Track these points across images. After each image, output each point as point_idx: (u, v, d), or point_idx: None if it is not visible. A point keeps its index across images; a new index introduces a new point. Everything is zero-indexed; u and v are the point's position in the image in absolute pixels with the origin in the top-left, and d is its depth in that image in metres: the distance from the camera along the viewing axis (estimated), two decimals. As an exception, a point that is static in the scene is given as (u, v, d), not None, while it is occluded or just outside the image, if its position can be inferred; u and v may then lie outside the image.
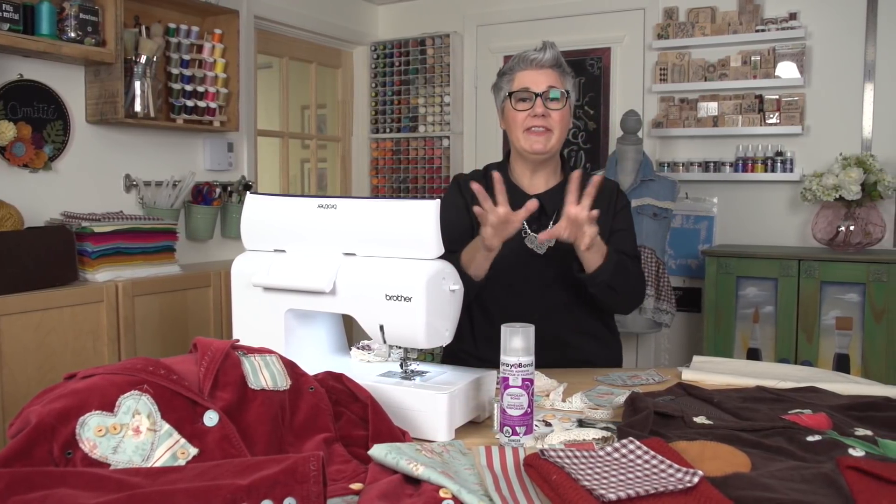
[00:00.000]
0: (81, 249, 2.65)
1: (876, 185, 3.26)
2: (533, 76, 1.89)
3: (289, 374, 1.15)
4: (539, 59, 1.89)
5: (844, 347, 3.23)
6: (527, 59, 1.91)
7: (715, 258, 3.46)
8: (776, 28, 3.63)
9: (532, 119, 1.89)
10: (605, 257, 1.79)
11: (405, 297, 1.33)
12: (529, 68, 1.90)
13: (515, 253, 1.91)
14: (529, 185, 1.99)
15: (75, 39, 2.69)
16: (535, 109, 1.88)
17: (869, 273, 3.17)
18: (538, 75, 1.89)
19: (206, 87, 3.31)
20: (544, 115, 1.88)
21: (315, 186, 4.67)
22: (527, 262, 1.91)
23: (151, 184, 3.26)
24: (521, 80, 1.90)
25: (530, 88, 1.89)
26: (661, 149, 3.97)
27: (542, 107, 1.88)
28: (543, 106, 1.88)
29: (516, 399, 1.23)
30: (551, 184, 1.99)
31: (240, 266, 1.51)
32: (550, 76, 1.89)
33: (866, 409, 1.38)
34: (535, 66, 1.90)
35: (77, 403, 0.95)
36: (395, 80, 4.65)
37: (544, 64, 1.90)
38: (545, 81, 1.89)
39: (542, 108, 1.88)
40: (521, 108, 1.90)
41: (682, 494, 0.93)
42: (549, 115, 1.88)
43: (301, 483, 0.86)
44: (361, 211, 1.41)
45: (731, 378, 1.68)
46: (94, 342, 2.58)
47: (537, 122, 1.88)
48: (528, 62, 1.90)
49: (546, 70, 1.90)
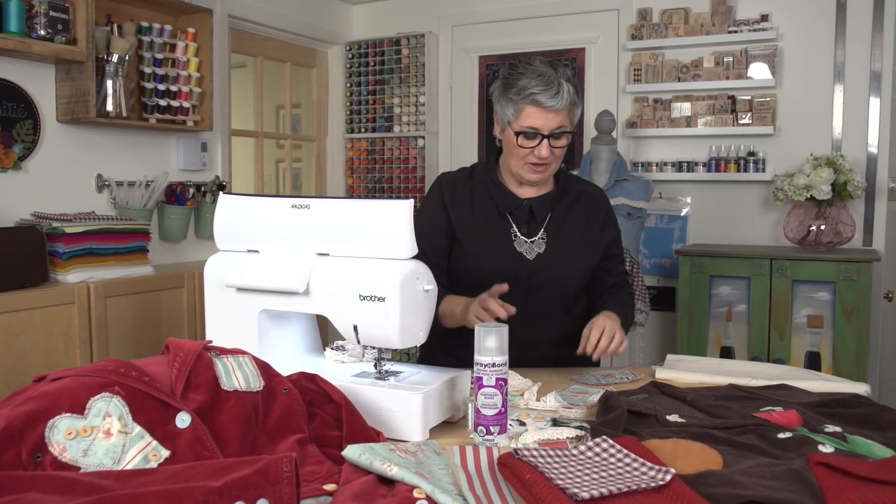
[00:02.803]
0: (52, 250, 2.62)
1: (846, 184, 3.31)
2: (544, 117, 1.81)
3: (262, 375, 1.14)
4: (555, 107, 1.80)
5: (816, 345, 3.27)
6: (540, 101, 1.79)
7: (688, 257, 3.49)
8: (748, 29, 3.66)
9: (535, 158, 1.85)
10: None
11: (379, 297, 1.33)
12: (541, 108, 1.80)
13: (504, 255, 1.91)
14: (519, 189, 1.97)
15: (45, 37, 2.66)
16: (540, 150, 1.83)
17: (839, 272, 3.21)
18: (548, 116, 1.81)
19: (180, 86, 3.29)
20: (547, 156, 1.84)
21: (290, 186, 4.65)
22: (515, 266, 1.91)
23: (124, 184, 3.23)
24: (530, 118, 1.81)
25: (539, 131, 1.82)
26: (635, 149, 4.00)
27: (547, 148, 1.82)
28: (548, 147, 1.83)
29: (490, 399, 1.24)
30: (543, 190, 1.98)
31: (213, 266, 1.50)
32: (560, 117, 1.82)
33: (836, 406, 1.40)
34: (547, 109, 1.81)
35: (46, 406, 0.94)
36: (370, 79, 4.64)
37: (559, 109, 1.81)
38: (554, 124, 1.81)
39: (547, 150, 1.82)
40: (527, 145, 1.84)
41: (654, 492, 0.94)
42: (552, 153, 1.85)
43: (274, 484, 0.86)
44: (335, 211, 1.40)
45: (704, 376, 1.70)
46: (66, 344, 2.55)
47: (539, 160, 1.85)
48: (540, 104, 1.80)
49: (557, 113, 1.81)
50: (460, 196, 1.97)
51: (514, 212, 1.94)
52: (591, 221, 1.99)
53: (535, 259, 1.92)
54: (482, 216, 1.95)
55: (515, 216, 1.94)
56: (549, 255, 1.92)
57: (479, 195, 1.97)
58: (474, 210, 1.95)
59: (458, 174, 2.06)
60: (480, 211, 1.95)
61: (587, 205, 2.01)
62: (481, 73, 4.39)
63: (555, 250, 1.93)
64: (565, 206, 1.98)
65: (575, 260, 1.94)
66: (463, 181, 2.01)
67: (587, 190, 2.05)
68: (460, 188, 1.99)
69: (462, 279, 1.95)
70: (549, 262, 1.91)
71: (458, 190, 1.99)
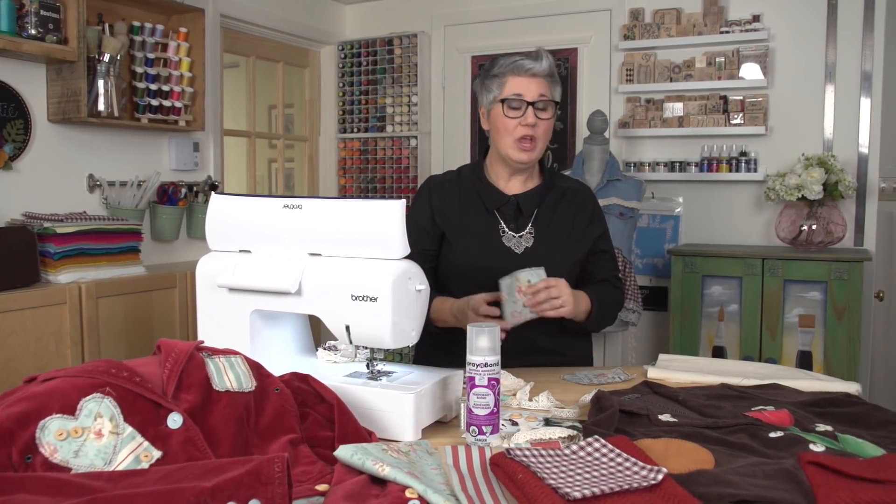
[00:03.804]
0: (43, 250, 2.61)
1: (837, 184, 3.32)
2: (525, 84, 1.87)
3: (254, 375, 1.14)
4: (535, 70, 1.87)
5: (807, 344, 3.28)
6: (521, 67, 1.88)
7: (681, 257, 3.50)
8: (740, 30, 3.68)
9: (522, 128, 1.88)
10: (589, 314, 1.88)
11: (371, 297, 1.33)
12: (523, 75, 1.88)
13: (493, 251, 1.92)
14: (506, 186, 2.00)
15: (36, 36, 2.65)
16: (526, 118, 1.87)
17: (831, 271, 3.22)
18: (531, 83, 1.87)
19: (172, 86, 3.28)
20: (534, 125, 1.87)
21: (282, 186, 4.64)
22: (503, 260, 1.91)
23: (116, 184, 3.22)
24: (514, 87, 1.88)
25: (523, 96, 1.87)
26: (628, 149, 4.00)
27: (532, 116, 1.87)
28: (534, 115, 1.87)
29: (482, 398, 1.24)
30: (529, 186, 2.00)
31: (205, 267, 1.49)
32: (542, 85, 1.88)
33: (827, 405, 1.40)
34: (529, 75, 1.88)
35: (37, 407, 0.94)
36: (362, 79, 4.63)
37: (539, 73, 1.88)
38: (537, 90, 1.87)
39: (532, 117, 1.87)
40: (512, 115, 1.88)
41: (646, 492, 0.94)
42: (538, 125, 1.88)
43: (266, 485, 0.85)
44: (327, 211, 1.40)
45: (696, 376, 1.70)
46: (57, 345, 2.54)
47: (527, 131, 1.88)
48: (522, 70, 1.88)
49: (539, 79, 1.88)
50: (448, 197, 2.00)
51: (501, 208, 1.96)
52: (578, 216, 2.01)
53: (524, 253, 1.93)
54: (470, 214, 1.97)
55: (503, 212, 1.96)
56: (537, 249, 1.93)
57: (466, 194, 2.00)
58: (462, 208, 1.98)
59: (446, 176, 2.10)
60: (468, 209, 1.97)
61: (574, 200, 2.03)
62: (474, 73, 4.38)
63: (542, 244, 1.94)
64: (552, 201, 2.00)
65: (563, 253, 1.95)
66: (450, 182, 2.04)
67: (573, 186, 2.07)
68: (448, 189, 2.02)
69: (452, 276, 1.97)
70: (538, 255, 1.92)
71: (446, 191, 2.02)
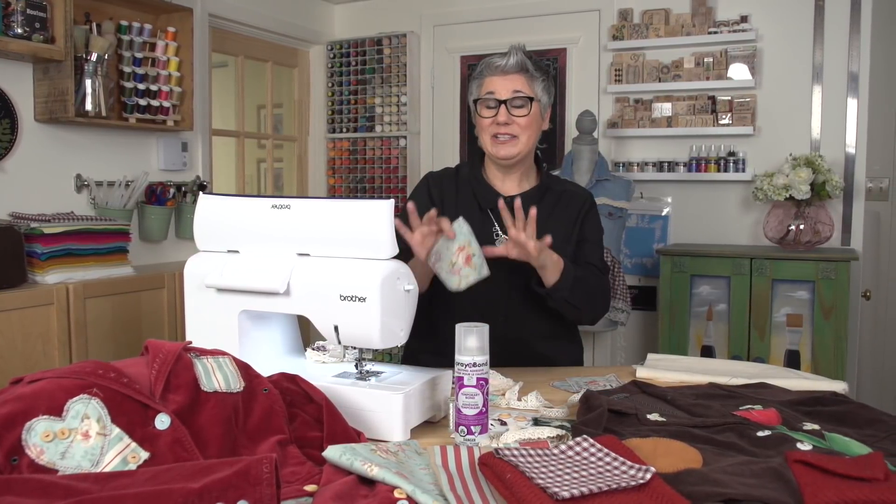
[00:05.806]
0: (30, 251, 2.60)
1: (825, 184, 3.34)
2: (499, 82, 1.89)
3: (242, 375, 1.14)
4: (503, 66, 1.89)
5: (795, 344, 3.30)
6: (492, 65, 1.91)
7: (669, 257, 3.51)
8: (728, 30, 3.69)
9: (496, 126, 1.89)
10: (562, 274, 1.81)
11: (359, 297, 1.32)
12: (495, 74, 1.90)
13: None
14: (502, 187, 2.00)
15: (23, 35, 2.63)
16: (498, 117, 1.88)
17: (818, 271, 3.23)
18: (504, 81, 1.89)
19: (160, 85, 3.26)
20: (507, 123, 1.88)
21: (271, 186, 4.63)
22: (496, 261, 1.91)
23: (103, 184, 3.20)
24: (487, 86, 1.91)
25: (495, 95, 1.89)
26: (616, 149, 4.01)
27: (505, 114, 1.88)
28: (507, 113, 1.88)
29: (471, 398, 1.24)
30: (525, 187, 2.00)
31: (193, 267, 1.49)
32: (516, 81, 1.89)
33: (814, 403, 1.41)
34: (499, 73, 1.89)
35: (23, 408, 0.93)
36: (351, 79, 4.62)
37: (508, 70, 1.89)
38: (510, 87, 1.88)
39: (505, 115, 1.88)
40: (486, 114, 1.91)
41: (634, 491, 0.95)
42: (514, 122, 1.89)
43: (254, 486, 0.85)
44: (315, 211, 1.40)
45: (685, 375, 1.71)
46: (45, 346, 2.52)
47: (501, 129, 1.89)
48: (493, 68, 1.90)
49: (511, 76, 1.89)
50: (445, 191, 2.01)
51: (495, 208, 1.95)
52: (573, 218, 1.99)
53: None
54: (464, 212, 1.95)
55: (497, 212, 1.95)
56: None
57: (463, 192, 2.00)
58: (457, 205, 1.97)
59: (443, 172, 2.10)
60: (463, 207, 1.96)
61: (570, 203, 2.02)
62: (463, 72, 4.38)
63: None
64: (548, 203, 1.98)
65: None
66: (448, 178, 2.05)
67: (570, 189, 2.06)
68: (446, 185, 2.03)
69: None
70: None
71: (444, 186, 2.03)
